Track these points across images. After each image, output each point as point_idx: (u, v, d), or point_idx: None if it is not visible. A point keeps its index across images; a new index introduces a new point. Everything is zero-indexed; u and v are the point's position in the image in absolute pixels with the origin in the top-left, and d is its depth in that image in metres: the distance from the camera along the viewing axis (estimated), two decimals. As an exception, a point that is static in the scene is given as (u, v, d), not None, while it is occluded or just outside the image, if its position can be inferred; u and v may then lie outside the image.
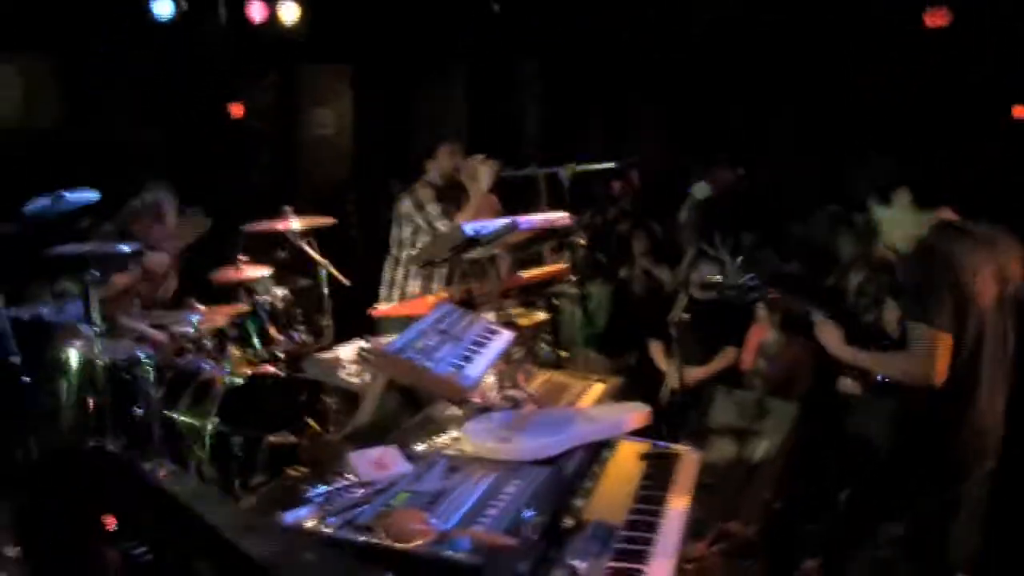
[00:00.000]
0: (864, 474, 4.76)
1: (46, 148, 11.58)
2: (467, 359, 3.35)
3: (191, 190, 7.42)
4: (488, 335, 3.68)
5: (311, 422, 6.67)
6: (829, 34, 13.91)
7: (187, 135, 13.36)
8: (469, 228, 4.27)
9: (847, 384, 5.70)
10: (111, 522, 2.88)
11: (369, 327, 5.43)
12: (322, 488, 2.84)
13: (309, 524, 2.70)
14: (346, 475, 2.99)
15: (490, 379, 3.74)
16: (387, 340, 4.33)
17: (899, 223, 4.25)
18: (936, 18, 12.09)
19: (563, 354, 5.10)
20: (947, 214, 4.15)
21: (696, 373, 6.91)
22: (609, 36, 15.35)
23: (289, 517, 2.72)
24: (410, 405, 3.67)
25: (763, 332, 6.99)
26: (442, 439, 3.41)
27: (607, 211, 11.90)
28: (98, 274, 5.93)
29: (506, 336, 3.77)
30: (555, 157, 6.22)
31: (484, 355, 3.47)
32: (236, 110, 14.88)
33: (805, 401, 5.95)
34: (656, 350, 7.27)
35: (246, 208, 12.81)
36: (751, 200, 15.09)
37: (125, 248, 6.17)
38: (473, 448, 3.15)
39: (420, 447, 3.34)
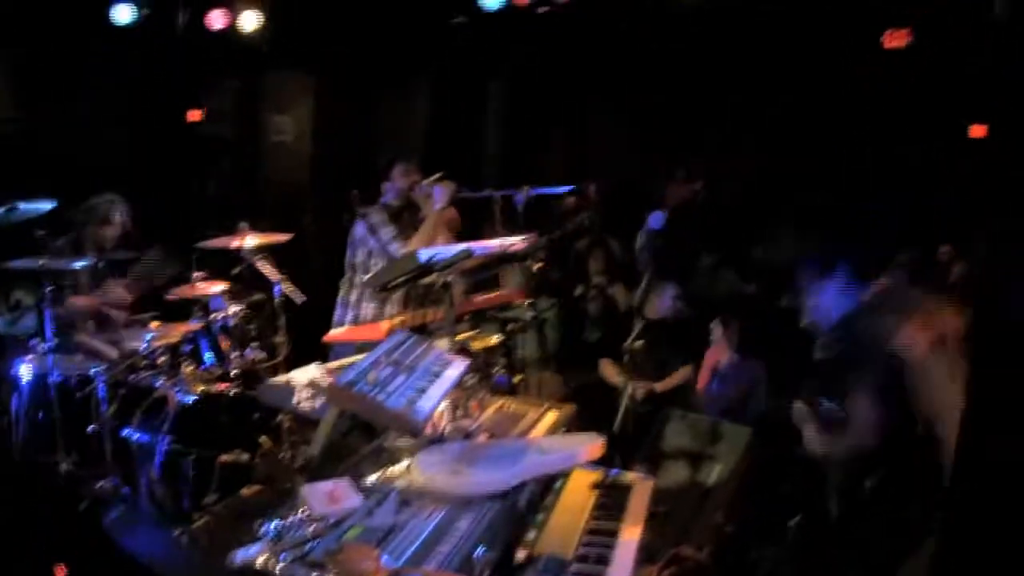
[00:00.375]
0: (814, 501, 4.83)
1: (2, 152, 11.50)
2: (420, 391, 3.35)
3: (149, 197, 7.36)
4: (442, 365, 3.68)
5: (265, 440, 6.64)
6: (790, 53, 14.03)
7: (146, 142, 13.29)
8: (423, 254, 4.27)
9: (801, 409, 5.74)
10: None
11: (323, 347, 5.42)
12: (273, 523, 2.82)
13: (259, 561, 2.69)
14: (299, 508, 2.97)
15: (443, 407, 3.73)
16: (340, 365, 4.35)
17: (836, 296, 4.46)
18: (895, 39, 12.20)
19: (517, 378, 5.10)
20: (884, 283, 4.30)
21: (650, 387, 6.96)
22: (572, 50, 15.41)
23: (239, 556, 2.71)
24: (364, 431, 3.66)
25: (718, 353, 7.04)
26: (395, 470, 3.41)
27: (564, 227, 11.94)
28: (51, 289, 5.88)
29: (460, 365, 3.77)
30: (513, 178, 6.23)
31: (437, 386, 3.47)
32: (194, 115, 14.82)
33: (758, 424, 5.97)
34: (607, 367, 7.30)
35: (204, 215, 12.80)
36: (711, 217, 15.20)
37: (78, 264, 6.14)
38: (425, 481, 3.15)
39: (372, 478, 3.34)
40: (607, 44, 14.90)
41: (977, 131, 12.61)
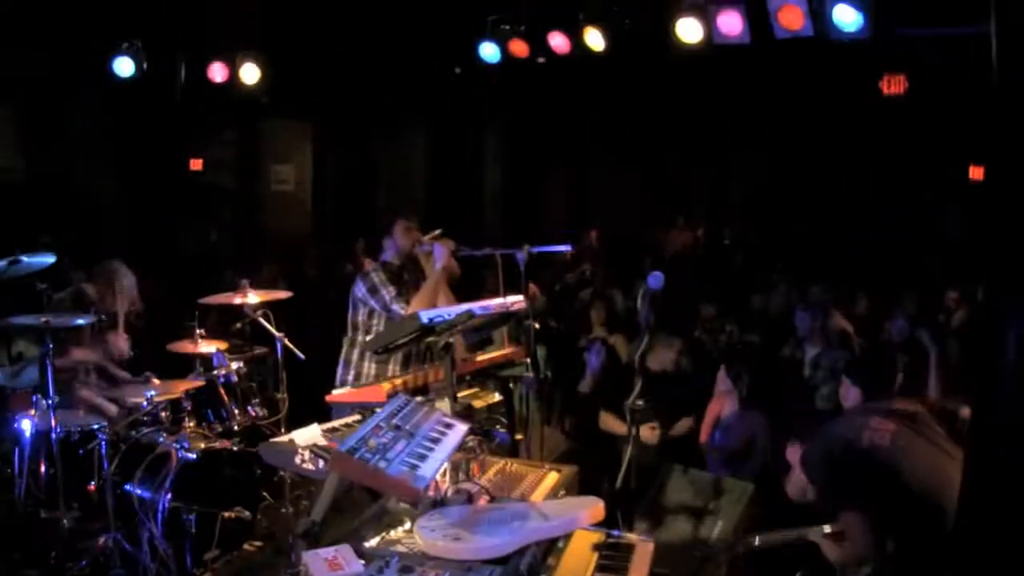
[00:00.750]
0: (816, 557, 4.85)
1: (4, 203, 11.57)
2: (421, 457, 3.36)
3: (152, 244, 7.40)
4: (443, 429, 3.69)
5: (266, 496, 6.64)
6: (790, 98, 14.13)
7: (148, 191, 13.38)
8: (425, 316, 4.30)
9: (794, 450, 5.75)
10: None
11: (324, 404, 5.42)
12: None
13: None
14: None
15: (444, 469, 3.74)
16: (342, 424, 4.36)
17: None
18: (894, 85, 12.33)
19: (518, 436, 5.11)
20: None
21: (646, 433, 6.97)
22: (570, 100, 15.52)
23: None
24: (367, 491, 3.67)
25: (721, 405, 7.05)
26: (396, 533, 3.42)
27: (565, 279, 12.00)
28: (51, 346, 5.89)
29: (460, 429, 3.78)
30: (513, 224, 6.28)
31: (438, 451, 3.48)
32: (195, 164, 14.93)
33: (760, 477, 5.98)
34: (609, 419, 7.31)
35: (206, 264, 12.85)
36: (711, 265, 15.28)
37: (80, 320, 6.15)
38: (425, 546, 3.16)
39: (374, 541, 3.35)
40: (606, 93, 15.03)
41: (977, 173, 12.72)
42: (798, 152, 15.40)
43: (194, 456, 6.03)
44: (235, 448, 6.41)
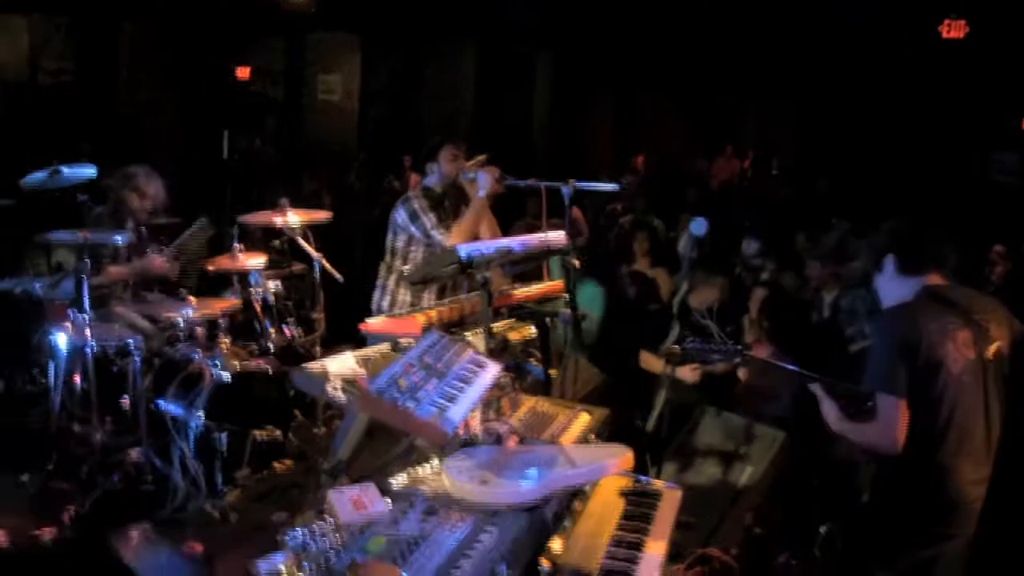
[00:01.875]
0: (844, 513, 4.83)
1: (50, 105, 11.60)
2: (451, 398, 3.33)
3: (197, 152, 7.37)
4: (474, 369, 3.65)
5: (298, 414, 6.67)
6: (843, 37, 13.88)
7: (195, 100, 13.37)
8: (464, 250, 4.24)
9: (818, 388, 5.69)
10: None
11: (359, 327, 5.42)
12: (298, 531, 2.82)
13: (283, 572, 2.69)
14: (325, 514, 2.97)
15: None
16: (375, 353, 4.33)
17: (887, 288, 4.40)
18: (954, 30, 12.09)
19: (553, 372, 5.07)
20: (934, 279, 4.26)
21: (685, 373, 6.92)
22: (621, 23, 15.31)
23: (263, 566, 2.71)
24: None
25: (761, 349, 6.98)
26: (423, 471, 3.39)
27: (607, 208, 11.89)
28: (89, 263, 5.90)
29: (493, 370, 3.73)
30: (560, 159, 6.19)
31: (469, 392, 3.44)
32: (242, 73, 14.89)
33: (792, 426, 5.92)
34: (647, 359, 7.25)
35: (250, 172, 12.85)
36: (758, 196, 15.12)
37: (118, 238, 6.15)
38: (452, 488, 3.14)
39: (400, 478, 3.33)
40: (658, 19, 14.82)
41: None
42: (853, 95, 15.16)
43: (227, 375, 6.04)
44: (269, 369, 6.42)
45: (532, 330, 5.05)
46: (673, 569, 4.95)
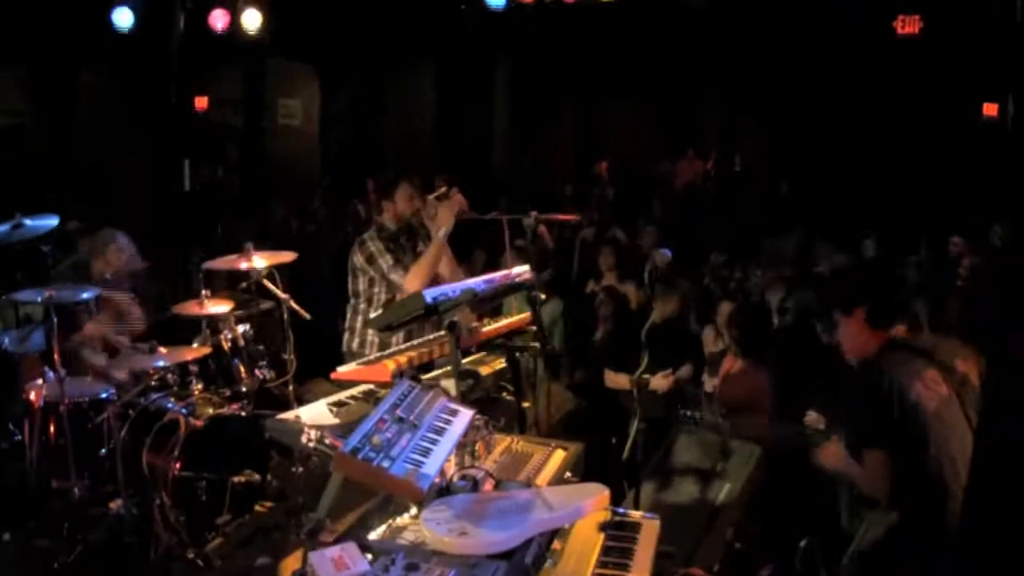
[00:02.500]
0: (824, 522, 4.89)
1: (10, 158, 11.56)
2: (425, 452, 3.35)
3: (159, 186, 7.34)
4: (448, 418, 3.67)
5: (275, 455, 6.68)
6: (803, 36, 13.95)
7: (154, 134, 13.33)
8: (429, 295, 4.27)
9: (812, 417, 5.74)
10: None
11: (332, 364, 5.42)
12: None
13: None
14: (308, 577, 2.99)
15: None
16: (348, 397, 4.36)
17: (853, 336, 4.45)
18: (908, 25, 12.20)
19: (525, 404, 5.10)
20: (899, 331, 4.39)
21: (657, 382, 6.99)
22: (578, 30, 15.36)
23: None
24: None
25: (733, 362, 7.04)
26: (402, 519, 3.42)
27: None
28: (57, 320, 5.88)
29: (465, 416, 3.76)
30: (522, 180, 6.21)
31: (443, 444, 3.46)
32: (201, 103, 14.84)
33: (768, 442, 5.97)
34: (612, 377, 7.33)
35: (215, 207, 12.82)
36: (722, 198, 15.20)
37: (85, 294, 6.13)
38: (431, 540, 3.16)
39: (380, 530, 3.36)
40: (615, 27, 14.86)
41: (991, 110, 12.59)
42: (810, 93, 15.23)
43: (202, 423, 6.05)
44: (243, 413, 6.43)
45: (502, 362, 5.09)
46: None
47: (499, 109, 17.94)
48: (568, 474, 4.03)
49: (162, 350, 6.13)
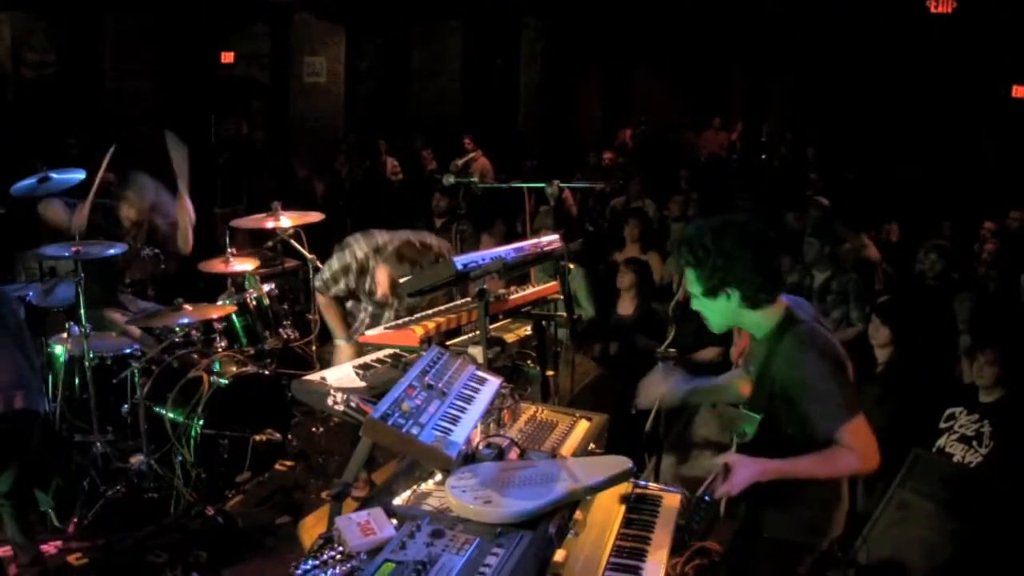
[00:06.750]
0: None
1: (37, 103, 11.57)
2: (454, 420, 3.36)
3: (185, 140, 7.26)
4: (476, 386, 3.68)
5: (298, 414, 6.72)
6: (834, 11, 13.87)
7: (181, 87, 13.32)
8: (459, 262, 4.26)
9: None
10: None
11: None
12: (309, 564, 2.86)
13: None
14: (335, 543, 3.00)
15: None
16: (373, 360, 4.36)
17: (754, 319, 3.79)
18: (942, 4, 12.10)
19: (549, 373, 5.11)
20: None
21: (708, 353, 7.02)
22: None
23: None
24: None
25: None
26: (427, 485, 3.44)
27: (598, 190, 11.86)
28: (83, 274, 5.88)
29: (493, 385, 3.78)
30: (548, 143, 6.17)
31: (471, 412, 3.47)
32: (227, 58, 14.83)
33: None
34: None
35: (239, 164, 12.82)
36: (746, 170, 15.13)
37: (111, 250, 6.11)
38: (456, 508, 3.17)
39: (405, 495, 3.37)
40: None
41: (1021, 91, 12.51)
42: (839, 69, 15.14)
43: (225, 381, 6.07)
44: (266, 371, 6.45)
45: (526, 329, 5.08)
46: (672, 563, 5.02)
47: (526, 70, 17.85)
48: (592, 445, 4.03)
49: (187, 307, 6.12)
